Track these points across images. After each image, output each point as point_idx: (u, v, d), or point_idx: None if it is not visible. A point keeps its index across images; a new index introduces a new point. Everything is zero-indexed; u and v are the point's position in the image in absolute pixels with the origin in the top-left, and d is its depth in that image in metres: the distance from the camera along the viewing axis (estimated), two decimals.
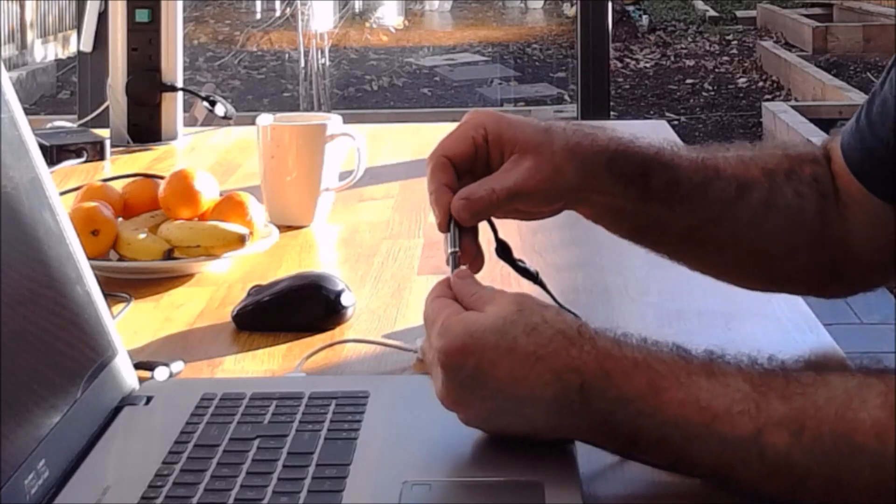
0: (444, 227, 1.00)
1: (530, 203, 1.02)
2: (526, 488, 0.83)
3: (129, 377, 1.01)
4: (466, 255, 0.99)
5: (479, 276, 0.94)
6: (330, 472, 0.85)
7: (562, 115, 6.64)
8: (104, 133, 2.03)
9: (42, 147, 1.78)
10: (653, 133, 2.25)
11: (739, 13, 11.00)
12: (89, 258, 1.01)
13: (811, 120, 6.49)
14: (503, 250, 1.04)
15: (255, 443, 0.90)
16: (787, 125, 6.48)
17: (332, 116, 1.60)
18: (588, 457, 0.90)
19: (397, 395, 1.01)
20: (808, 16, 10.12)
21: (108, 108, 2.10)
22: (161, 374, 1.07)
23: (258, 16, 8.86)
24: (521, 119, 1.03)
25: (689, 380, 0.84)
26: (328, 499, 0.82)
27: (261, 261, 1.41)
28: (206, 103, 2.17)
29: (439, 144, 1.02)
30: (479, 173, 1.01)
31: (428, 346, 0.91)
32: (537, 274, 1.05)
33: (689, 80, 8.96)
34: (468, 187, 1.00)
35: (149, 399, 0.99)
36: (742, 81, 8.92)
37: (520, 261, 1.05)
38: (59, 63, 8.44)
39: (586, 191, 1.02)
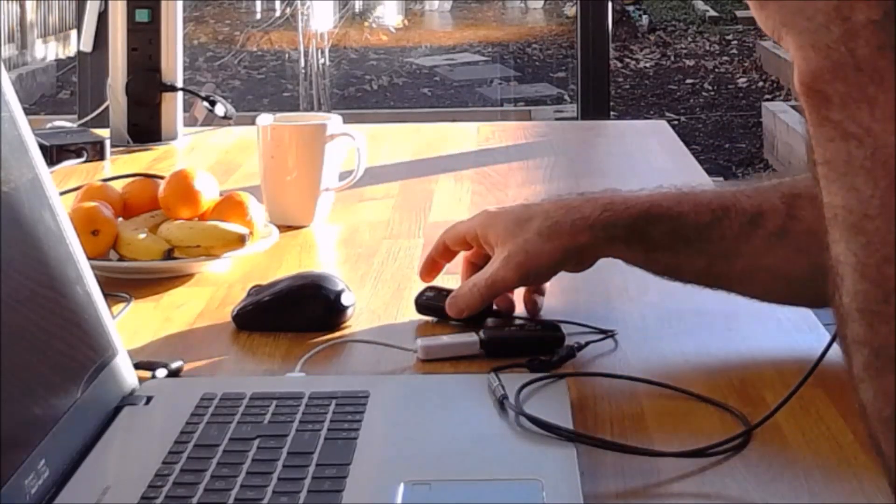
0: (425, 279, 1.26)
1: (516, 286, 1.18)
2: (526, 488, 0.83)
3: (129, 377, 1.01)
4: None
5: None
6: (330, 472, 0.85)
7: (562, 115, 6.64)
8: (104, 133, 2.03)
9: (42, 147, 1.78)
10: (653, 133, 2.24)
11: (739, 13, 10.99)
12: (89, 258, 1.01)
13: None
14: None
15: (255, 443, 0.90)
16: (787, 125, 6.48)
17: (332, 116, 1.60)
18: (588, 457, 0.90)
19: (397, 395, 1.01)
20: None
21: (108, 108, 2.10)
22: (161, 374, 1.07)
23: (258, 16, 8.86)
24: (505, 212, 1.19)
25: None
26: (328, 499, 0.82)
27: (261, 261, 1.41)
28: (206, 103, 2.17)
29: (445, 232, 1.24)
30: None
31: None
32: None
33: (689, 80, 8.96)
34: (458, 288, 1.19)
35: (149, 399, 0.99)
36: (742, 81, 8.92)
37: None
38: (59, 63, 8.43)
39: (585, 256, 1.16)
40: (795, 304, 1.18)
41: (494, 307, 1.20)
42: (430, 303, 1.22)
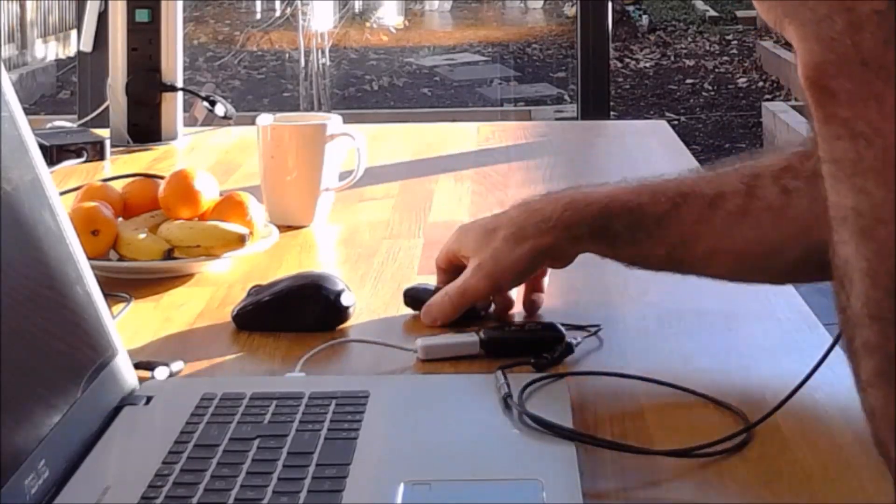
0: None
1: (493, 292, 1.20)
2: (525, 488, 0.83)
3: (129, 377, 1.01)
4: None
5: None
6: (330, 472, 0.85)
7: (562, 115, 6.64)
8: (104, 133, 2.03)
9: (42, 147, 1.78)
10: (653, 133, 2.25)
11: (739, 13, 10.98)
12: (89, 258, 1.01)
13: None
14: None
15: (255, 443, 0.90)
16: (787, 125, 6.47)
17: (332, 116, 1.60)
18: (588, 456, 0.90)
19: (397, 395, 1.01)
20: None
21: (108, 108, 2.10)
22: (161, 374, 1.07)
23: (258, 16, 8.85)
24: (476, 224, 1.23)
25: None
26: (328, 499, 0.82)
27: (261, 261, 1.41)
28: (206, 103, 2.17)
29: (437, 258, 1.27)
30: None
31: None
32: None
33: (689, 80, 8.96)
34: (432, 297, 1.21)
35: (149, 399, 0.99)
36: (742, 81, 8.91)
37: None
38: (59, 63, 8.43)
39: (555, 255, 1.18)
40: (757, 281, 1.19)
41: (492, 310, 1.22)
42: (418, 295, 1.24)
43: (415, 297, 1.24)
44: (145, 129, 2.06)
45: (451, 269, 1.24)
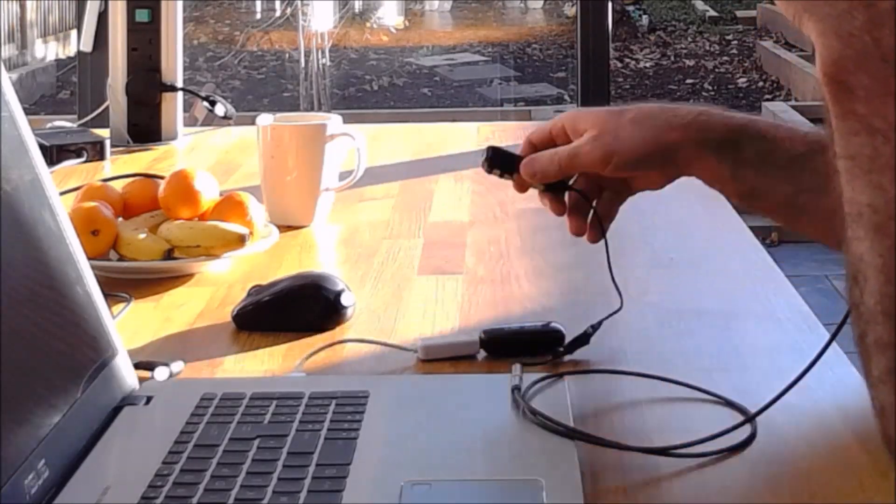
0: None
1: (600, 167, 1.11)
2: (526, 488, 0.83)
3: (129, 377, 1.01)
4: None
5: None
6: (330, 472, 0.85)
7: None
8: (104, 133, 2.03)
9: (42, 147, 1.78)
10: None
11: (739, 13, 10.98)
12: (89, 258, 1.01)
13: (811, 120, 6.47)
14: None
15: (255, 443, 0.90)
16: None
17: (332, 116, 1.60)
18: (588, 456, 0.90)
19: (397, 395, 1.01)
20: None
21: (108, 108, 2.10)
22: (161, 374, 1.07)
23: (258, 16, 8.86)
24: (593, 108, 1.14)
25: None
26: (328, 499, 0.82)
27: (261, 261, 1.41)
28: (206, 103, 2.17)
29: (531, 133, 1.17)
30: None
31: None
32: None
33: (689, 80, 8.96)
34: (539, 153, 1.13)
35: (149, 399, 0.99)
36: (742, 81, 8.91)
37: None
38: (59, 63, 8.43)
39: (670, 159, 1.09)
40: None
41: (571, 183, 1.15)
42: (505, 155, 1.15)
43: (502, 156, 1.15)
44: (145, 129, 2.06)
45: (545, 145, 1.15)
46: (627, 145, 1.09)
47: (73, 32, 8.08)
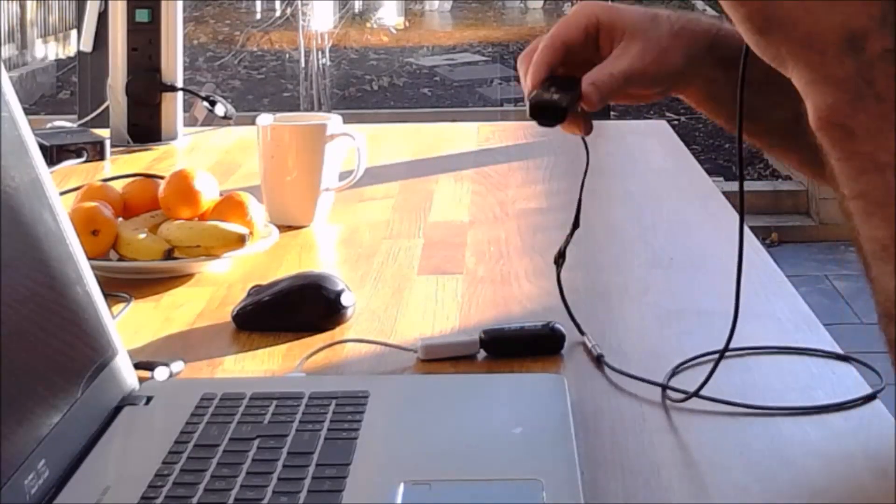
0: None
1: (639, 85, 1.05)
2: (525, 487, 0.83)
3: (129, 377, 1.01)
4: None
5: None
6: (330, 472, 0.85)
7: None
8: (104, 133, 2.03)
9: (42, 147, 1.78)
10: (653, 133, 2.24)
11: None
12: (89, 258, 1.01)
13: None
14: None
15: (255, 443, 0.90)
16: None
17: (332, 116, 1.60)
18: (588, 456, 0.90)
19: (397, 395, 1.01)
20: None
21: (108, 108, 2.10)
22: (161, 374, 1.07)
23: (258, 16, 8.86)
24: (628, 7, 1.07)
25: None
26: (328, 499, 0.82)
27: (261, 261, 1.41)
28: (206, 103, 2.17)
29: (555, 29, 1.07)
30: (578, 61, 1.06)
31: None
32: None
33: None
34: (592, 73, 1.04)
35: (149, 399, 0.99)
36: None
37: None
38: (59, 63, 8.43)
39: (690, 75, 1.05)
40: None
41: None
42: (549, 102, 1.07)
43: (547, 105, 1.07)
44: (145, 129, 2.06)
45: (580, 47, 1.07)
46: (670, 60, 1.04)
47: (73, 32, 8.09)
